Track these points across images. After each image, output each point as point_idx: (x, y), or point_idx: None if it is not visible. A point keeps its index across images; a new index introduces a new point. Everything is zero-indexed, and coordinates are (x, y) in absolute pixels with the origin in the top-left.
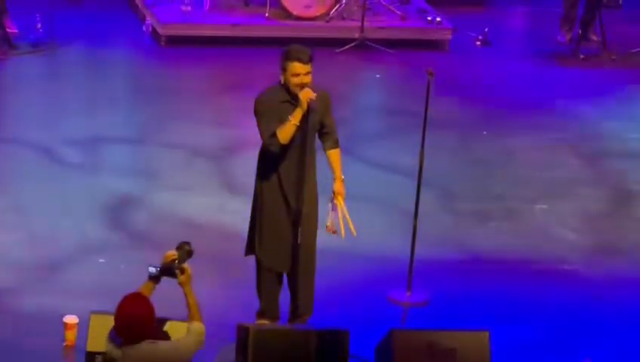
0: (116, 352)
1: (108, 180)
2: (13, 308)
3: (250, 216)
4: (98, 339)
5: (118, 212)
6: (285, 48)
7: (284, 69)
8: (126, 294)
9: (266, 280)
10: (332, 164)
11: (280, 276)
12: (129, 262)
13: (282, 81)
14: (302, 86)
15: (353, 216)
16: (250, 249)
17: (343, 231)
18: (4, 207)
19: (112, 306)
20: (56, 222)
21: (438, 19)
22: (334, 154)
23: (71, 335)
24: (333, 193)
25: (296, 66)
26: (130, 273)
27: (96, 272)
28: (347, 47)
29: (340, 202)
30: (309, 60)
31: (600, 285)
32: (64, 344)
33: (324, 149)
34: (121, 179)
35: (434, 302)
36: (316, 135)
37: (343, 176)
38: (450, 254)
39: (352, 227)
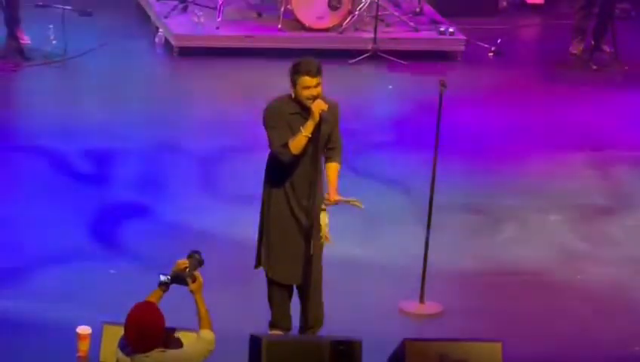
0: (125, 361)
1: (118, 190)
2: (23, 318)
3: (258, 229)
4: (111, 350)
5: (128, 223)
6: (293, 62)
7: (293, 83)
8: (136, 303)
9: (276, 292)
10: (328, 177)
11: (290, 288)
12: (140, 273)
13: (293, 95)
14: (313, 98)
15: (367, 226)
16: (259, 261)
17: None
18: (13, 215)
19: (123, 317)
20: (64, 232)
21: (451, 30)
22: (332, 167)
23: (84, 346)
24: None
25: (306, 80)
26: (141, 284)
27: (107, 283)
28: (360, 58)
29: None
30: (318, 72)
31: (614, 296)
32: (77, 354)
33: (325, 161)
34: (132, 189)
35: (447, 313)
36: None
37: (337, 193)
38: (464, 265)
39: (326, 234)
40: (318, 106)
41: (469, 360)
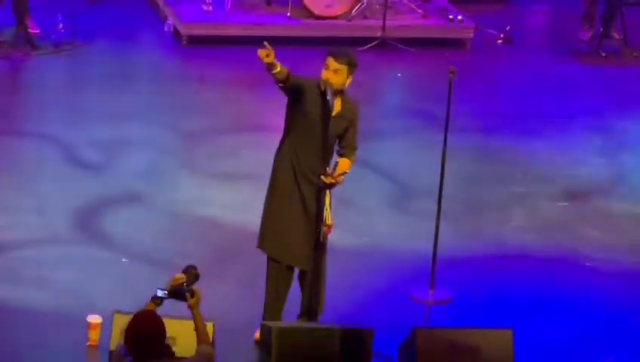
0: None
1: (126, 178)
2: (35, 308)
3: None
4: (121, 339)
5: (138, 211)
6: None
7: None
8: (136, 312)
9: (270, 273)
10: (337, 165)
11: (287, 274)
12: (152, 262)
13: None
14: (326, 82)
15: (374, 215)
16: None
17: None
18: (19, 204)
19: (135, 306)
20: (72, 221)
21: (460, 17)
22: (343, 160)
23: (94, 335)
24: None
25: (329, 60)
26: (153, 272)
27: (119, 272)
28: (369, 46)
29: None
30: (343, 61)
31: (623, 283)
32: (87, 343)
33: (338, 155)
34: (141, 178)
35: (457, 300)
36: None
37: (342, 176)
38: (473, 252)
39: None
40: (261, 51)
41: (480, 347)
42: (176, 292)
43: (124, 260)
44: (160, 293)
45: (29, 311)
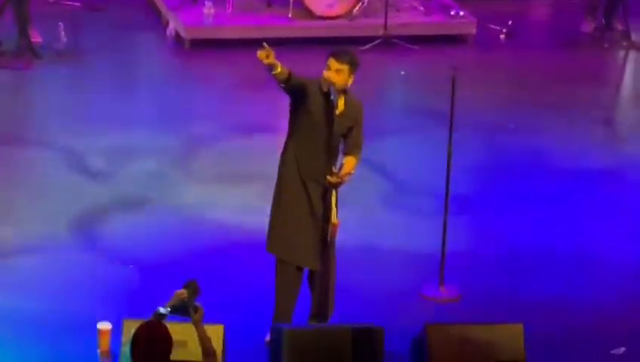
0: None
1: (132, 185)
2: (42, 316)
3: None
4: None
5: (144, 218)
6: None
7: None
8: (141, 324)
9: (279, 275)
10: (343, 164)
11: (297, 275)
12: (159, 267)
13: None
14: (328, 81)
15: (385, 214)
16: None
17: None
18: (24, 212)
19: (142, 312)
20: (78, 228)
21: (461, 13)
22: (349, 159)
23: (105, 342)
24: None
25: (330, 60)
26: (160, 278)
27: (125, 278)
28: (371, 44)
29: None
30: (344, 61)
31: (631, 280)
32: (99, 350)
33: (343, 155)
34: (146, 183)
35: (466, 296)
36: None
37: (348, 175)
38: (481, 249)
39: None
40: (261, 53)
41: (491, 342)
42: (179, 309)
43: (130, 266)
44: (162, 310)
45: (36, 319)
